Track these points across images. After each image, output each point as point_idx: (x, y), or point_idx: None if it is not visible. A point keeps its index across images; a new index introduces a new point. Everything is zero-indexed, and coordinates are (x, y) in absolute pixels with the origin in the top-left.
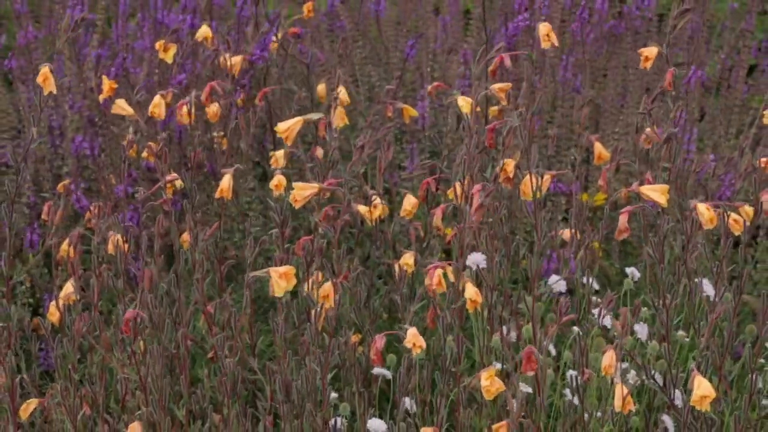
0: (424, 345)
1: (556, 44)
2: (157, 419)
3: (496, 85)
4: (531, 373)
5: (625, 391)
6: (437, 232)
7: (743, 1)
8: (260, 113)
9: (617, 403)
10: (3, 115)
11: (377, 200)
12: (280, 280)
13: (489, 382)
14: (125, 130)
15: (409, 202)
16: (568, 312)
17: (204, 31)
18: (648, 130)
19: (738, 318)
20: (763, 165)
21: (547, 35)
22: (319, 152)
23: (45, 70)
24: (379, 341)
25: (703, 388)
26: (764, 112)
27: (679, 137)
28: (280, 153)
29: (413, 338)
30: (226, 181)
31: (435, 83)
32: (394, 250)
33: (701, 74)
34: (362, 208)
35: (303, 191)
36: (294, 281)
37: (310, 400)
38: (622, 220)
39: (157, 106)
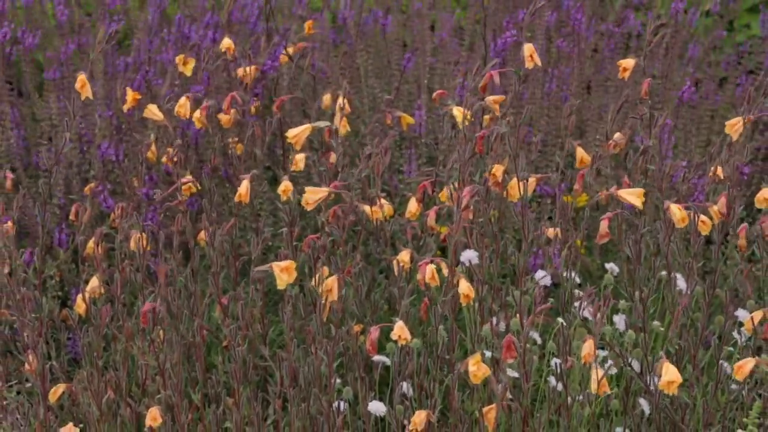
0: (409, 337)
1: (539, 64)
2: (175, 402)
3: (491, 98)
4: (511, 360)
5: (600, 373)
6: (431, 231)
7: (714, 18)
8: (275, 122)
9: (593, 386)
10: (42, 124)
11: (383, 201)
12: (281, 273)
13: (476, 367)
14: (148, 137)
15: (413, 204)
16: (544, 301)
17: (227, 42)
18: (616, 135)
19: (711, 309)
20: (716, 173)
21: (531, 56)
22: (333, 158)
23: (82, 77)
24: (374, 333)
25: (670, 373)
26: (726, 123)
27: (663, 145)
28: (300, 156)
29: (399, 331)
30: (245, 186)
31: (438, 91)
32: (393, 247)
33: (693, 90)
34: (368, 209)
35: (314, 195)
36: (294, 274)
37: (315, 385)
38: (603, 226)
39: (183, 106)
